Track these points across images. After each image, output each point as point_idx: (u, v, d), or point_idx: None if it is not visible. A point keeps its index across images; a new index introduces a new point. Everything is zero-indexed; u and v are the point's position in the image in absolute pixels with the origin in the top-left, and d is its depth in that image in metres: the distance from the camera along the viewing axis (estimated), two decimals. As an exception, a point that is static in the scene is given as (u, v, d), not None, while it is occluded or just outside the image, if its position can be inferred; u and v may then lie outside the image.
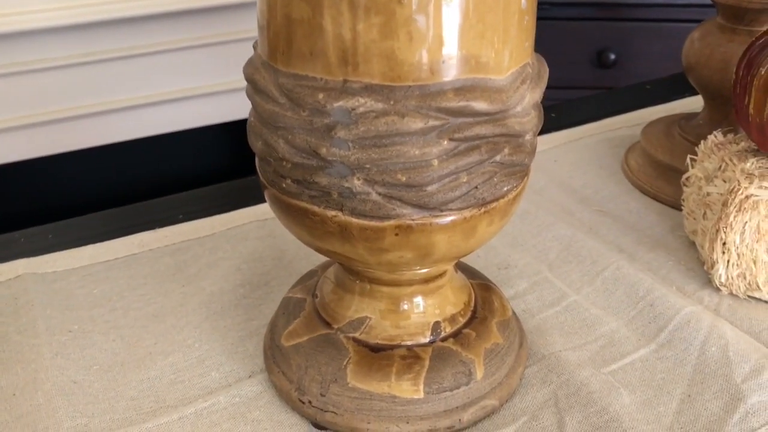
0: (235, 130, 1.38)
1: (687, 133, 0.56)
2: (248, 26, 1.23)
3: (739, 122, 0.45)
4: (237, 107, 1.30)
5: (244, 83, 0.32)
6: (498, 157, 0.30)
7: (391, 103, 0.28)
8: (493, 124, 0.29)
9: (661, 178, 0.55)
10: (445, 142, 0.29)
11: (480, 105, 0.28)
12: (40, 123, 1.14)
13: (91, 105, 1.18)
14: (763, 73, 0.41)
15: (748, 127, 0.44)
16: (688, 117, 0.59)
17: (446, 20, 0.27)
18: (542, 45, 1.35)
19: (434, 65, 0.28)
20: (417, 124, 0.28)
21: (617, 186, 0.57)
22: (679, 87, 0.71)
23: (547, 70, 0.32)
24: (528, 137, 0.31)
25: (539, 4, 1.22)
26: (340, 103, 0.28)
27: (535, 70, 0.31)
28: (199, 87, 1.26)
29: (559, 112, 0.71)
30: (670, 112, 0.67)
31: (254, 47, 0.33)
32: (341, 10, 0.27)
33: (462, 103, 0.28)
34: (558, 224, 0.52)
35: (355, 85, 0.28)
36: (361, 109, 0.28)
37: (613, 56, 1.42)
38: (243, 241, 0.51)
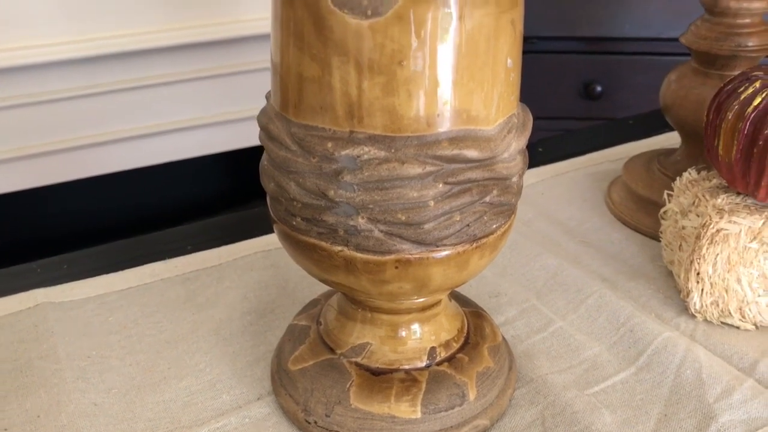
0: (234, 158, 1.41)
1: (665, 169, 0.60)
2: (243, 60, 1.27)
3: (710, 161, 0.48)
4: (235, 137, 1.34)
5: (241, 114, 0.36)
6: (487, 198, 0.34)
7: (393, 151, 0.31)
8: (482, 169, 0.33)
9: (641, 210, 0.59)
10: (440, 186, 0.32)
11: (471, 153, 0.32)
12: (45, 153, 1.17)
13: (94, 135, 1.21)
14: (730, 117, 0.45)
15: (718, 165, 0.47)
16: (667, 153, 0.63)
17: (441, 80, 0.30)
18: (532, 77, 1.39)
19: (430, 118, 0.31)
20: (415, 170, 0.31)
21: (601, 218, 0.61)
22: (659, 123, 0.75)
23: (531, 118, 0.36)
24: (514, 179, 0.35)
25: (529, 38, 1.27)
26: (347, 151, 0.31)
27: (521, 120, 0.35)
28: (199, 118, 1.29)
29: (547, 146, 0.75)
30: (650, 147, 0.71)
31: (267, 98, 0.36)
32: (348, 70, 0.30)
33: (455, 152, 0.32)
34: (545, 254, 0.56)
35: (361, 136, 0.31)
36: (366, 157, 0.31)
37: (599, 88, 1.46)
38: (249, 270, 0.54)
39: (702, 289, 0.47)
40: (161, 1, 1.17)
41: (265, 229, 0.58)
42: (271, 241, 0.57)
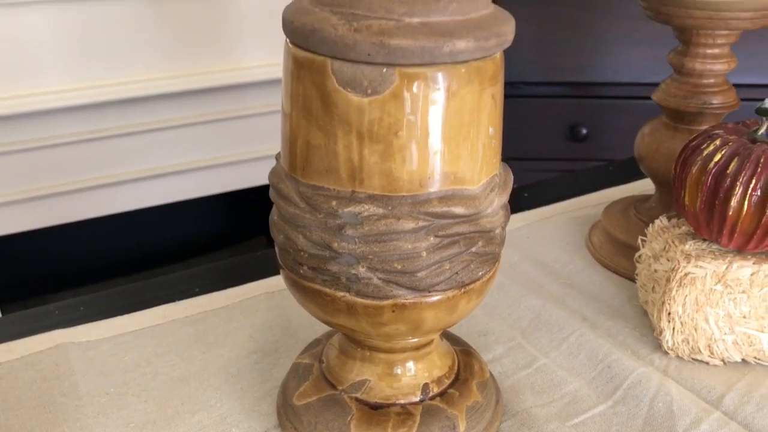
0: (232, 199, 1.45)
1: (641, 214, 0.65)
2: (242, 105, 1.32)
3: (678, 210, 0.53)
4: (232, 179, 1.38)
5: (239, 157, 0.39)
6: (474, 249, 0.38)
7: (389, 208, 0.36)
8: (469, 223, 0.37)
9: (619, 253, 0.63)
10: (432, 239, 0.36)
11: (458, 209, 0.36)
12: (51, 195, 1.21)
13: (97, 178, 1.25)
14: (694, 171, 0.49)
15: (685, 214, 0.52)
16: (643, 199, 0.68)
17: (431, 148, 0.35)
18: (520, 120, 1.45)
19: (422, 180, 0.35)
20: (409, 225, 0.36)
21: (582, 260, 0.65)
22: (636, 169, 0.79)
23: (512, 177, 0.40)
24: (497, 231, 0.39)
25: (516, 83, 1.32)
26: (350, 208, 0.36)
27: (502, 179, 0.39)
28: (198, 161, 1.33)
29: (532, 192, 0.79)
30: (629, 192, 0.76)
31: (277, 158, 0.41)
32: (351, 139, 0.35)
33: (444, 209, 0.36)
34: (530, 295, 0.60)
35: (361, 195, 0.36)
36: (366, 214, 0.36)
37: (584, 131, 1.52)
38: (254, 312, 0.58)
39: (673, 328, 0.51)
40: (162, 50, 1.22)
41: (268, 272, 0.62)
42: (273, 283, 0.61)
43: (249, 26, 1.28)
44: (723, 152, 0.48)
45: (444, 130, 0.35)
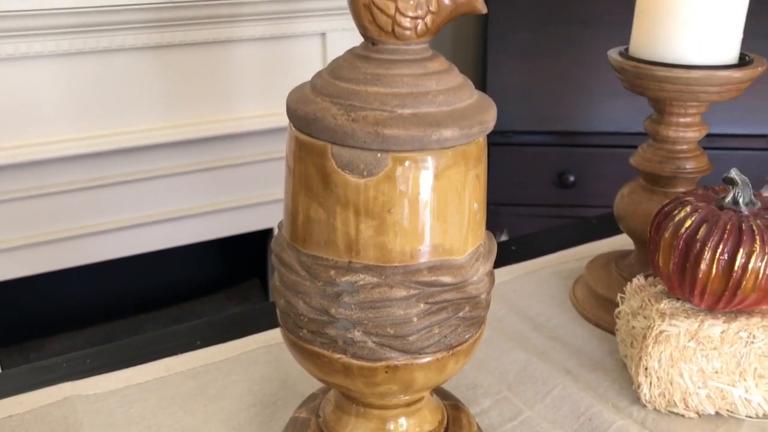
0: (227, 243, 1.48)
1: (621, 270, 0.68)
2: (237, 153, 1.36)
3: (654, 270, 0.56)
4: (227, 224, 1.42)
5: (234, 203, 0.42)
6: (461, 314, 0.41)
7: (383, 278, 0.39)
8: (456, 291, 0.40)
9: (601, 308, 0.67)
10: (422, 305, 0.40)
11: (446, 278, 0.39)
12: (50, 241, 1.24)
13: (95, 225, 1.28)
14: (667, 236, 0.53)
15: (660, 274, 0.55)
16: (623, 255, 0.71)
17: (421, 223, 0.38)
18: (510, 168, 1.50)
19: (413, 252, 0.39)
20: (401, 293, 0.39)
21: (566, 314, 0.68)
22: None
23: (496, 245, 0.44)
24: (483, 296, 0.42)
25: (505, 132, 1.37)
26: (347, 278, 0.39)
27: (487, 248, 0.43)
28: (193, 207, 1.36)
29: (519, 244, 0.83)
30: (611, 245, 0.79)
31: (279, 227, 0.44)
32: (348, 215, 0.38)
33: (434, 278, 0.39)
34: (516, 349, 0.63)
35: (357, 265, 0.39)
36: (361, 282, 0.39)
37: (572, 178, 1.56)
38: (253, 365, 0.60)
39: (650, 382, 0.54)
40: (160, 101, 1.26)
41: (266, 326, 0.65)
42: (271, 336, 0.64)
43: (244, 79, 1.32)
44: (693, 218, 0.52)
45: (433, 207, 0.38)
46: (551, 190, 1.60)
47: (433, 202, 0.38)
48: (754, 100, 1.41)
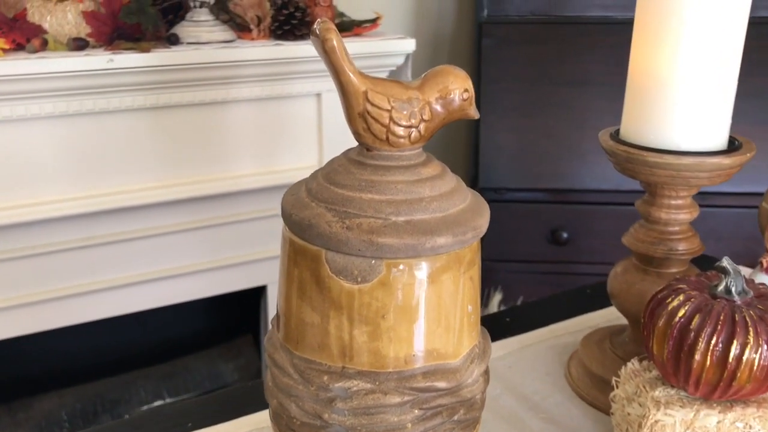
0: (220, 300, 1.48)
1: (616, 348, 0.68)
2: (232, 212, 1.36)
3: (648, 355, 0.56)
4: (221, 282, 1.41)
5: (227, 261, 0.42)
6: (455, 417, 0.41)
7: (377, 384, 0.39)
8: (450, 395, 0.40)
9: (596, 387, 0.66)
10: (416, 411, 0.39)
11: (441, 384, 0.39)
12: (46, 300, 1.23)
13: (90, 284, 1.28)
14: (660, 324, 0.53)
15: (654, 361, 0.55)
16: (618, 331, 0.71)
17: (414, 328, 0.38)
18: (503, 224, 1.50)
19: (407, 357, 0.39)
20: (395, 399, 0.39)
21: (561, 393, 0.68)
22: (613, 295, 0.83)
23: (491, 345, 0.44)
24: (478, 397, 0.42)
25: (499, 189, 1.37)
26: (340, 383, 0.39)
27: (481, 348, 0.43)
28: (189, 265, 1.36)
29: (513, 316, 0.82)
30: (605, 317, 0.79)
31: (272, 323, 0.44)
32: (342, 320, 0.38)
33: (428, 384, 0.39)
34: (512, 431, 0.62)
35: (351, 371, 0.39)
36: (355, 388, 0.39)
37: (565, 235, 1.57)
38: (245, 450, 0.60)
39: (647, 472, 0.54)
40: (154, 161, 1.27)
41: (259, 407, 0.64)
42: (261, 419, 0.63)
43: (239, 138, 1.33)
44: (686, 308, 0.52)
45: (427, 312, 0.38)
46: (545, 247, 1.60)
47: (427, 306, 0.38)
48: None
